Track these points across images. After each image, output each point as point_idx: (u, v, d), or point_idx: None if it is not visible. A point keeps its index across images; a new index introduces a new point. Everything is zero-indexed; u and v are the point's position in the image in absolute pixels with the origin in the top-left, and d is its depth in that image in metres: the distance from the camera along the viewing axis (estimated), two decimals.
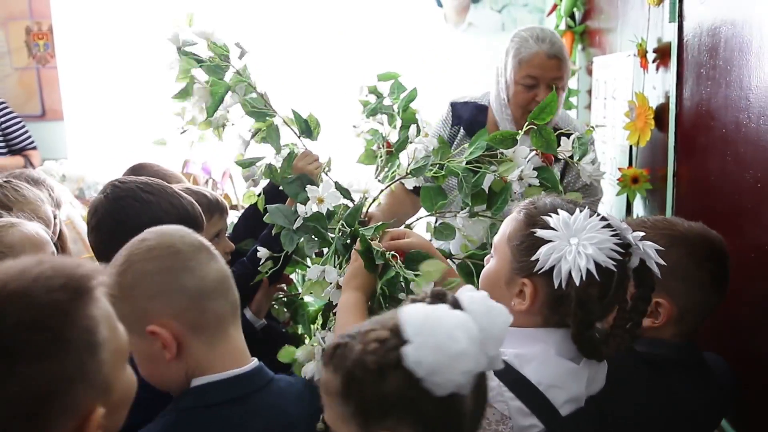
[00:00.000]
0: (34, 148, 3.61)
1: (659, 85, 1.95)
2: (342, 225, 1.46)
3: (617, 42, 2.46)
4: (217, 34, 1.64)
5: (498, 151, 1.51)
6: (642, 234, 1.06)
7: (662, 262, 1.05)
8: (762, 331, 1.43)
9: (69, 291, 0.72)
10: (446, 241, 1.64)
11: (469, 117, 2.04)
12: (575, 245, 1.01)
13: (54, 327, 0.70)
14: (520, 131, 1.51)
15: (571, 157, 1.55)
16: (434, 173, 1.55)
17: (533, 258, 1.04)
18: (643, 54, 1.99)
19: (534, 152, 1.53)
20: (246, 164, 1.72)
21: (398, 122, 1.71)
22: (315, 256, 1.58)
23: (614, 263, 1.01)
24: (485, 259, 1.22)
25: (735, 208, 1.52)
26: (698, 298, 1.23)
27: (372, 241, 1.34)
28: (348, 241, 1.44)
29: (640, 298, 1.08)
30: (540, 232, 1.04)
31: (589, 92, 2.85)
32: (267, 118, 1.65)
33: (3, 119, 3.54)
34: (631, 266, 1.06)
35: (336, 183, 1.53)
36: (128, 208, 1.39)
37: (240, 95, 1.63)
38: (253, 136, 1.71)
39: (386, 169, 1.69)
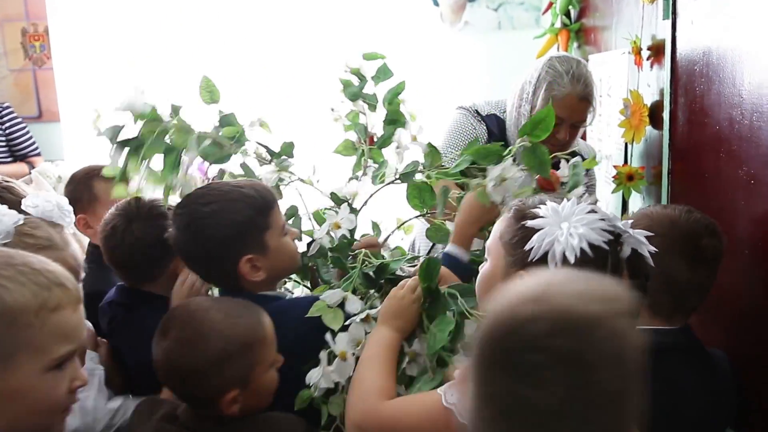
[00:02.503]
0: (38, 154, 3.57)
1: (653, 83, 1.95)
2: (366, 255, 1.42)
3: (612, 39, 2.45)
4: (146, 96, 1.51)
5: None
6: (631, 221, 1.08)
7: (653, 249, 1.06)
8: (755, 327, 1.43)
9: None
10: (441, 243, 1.60)
11: (497, 133, 2.05)
12: (566, 228, 1.02)
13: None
14: (508, 149, 1.46)
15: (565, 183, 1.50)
16: (427, 177, 1.51)
17: (527, 247, 1.05)
18: (637, 51, 1.99)
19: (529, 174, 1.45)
20: None
21: (381, 112, 1.63)
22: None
23: (606, 243, 1.02)
24: (480, 267, 1.22)
25: (729, 204, 1.52)
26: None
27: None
28: (372, 272, 1.40)
29: (635, 288, 1.08)
30: (530, 223, 1.06)
31: None
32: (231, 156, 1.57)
33: (8, 124, 3.52)
34: (623, 256, 1.06)
35: (333, 194, 1.50)
36: (205, 229, 1.35)
37: (195, 148, 1.51)
38: (222, 175, 1.66)
39: (367, 165, 1.61)
